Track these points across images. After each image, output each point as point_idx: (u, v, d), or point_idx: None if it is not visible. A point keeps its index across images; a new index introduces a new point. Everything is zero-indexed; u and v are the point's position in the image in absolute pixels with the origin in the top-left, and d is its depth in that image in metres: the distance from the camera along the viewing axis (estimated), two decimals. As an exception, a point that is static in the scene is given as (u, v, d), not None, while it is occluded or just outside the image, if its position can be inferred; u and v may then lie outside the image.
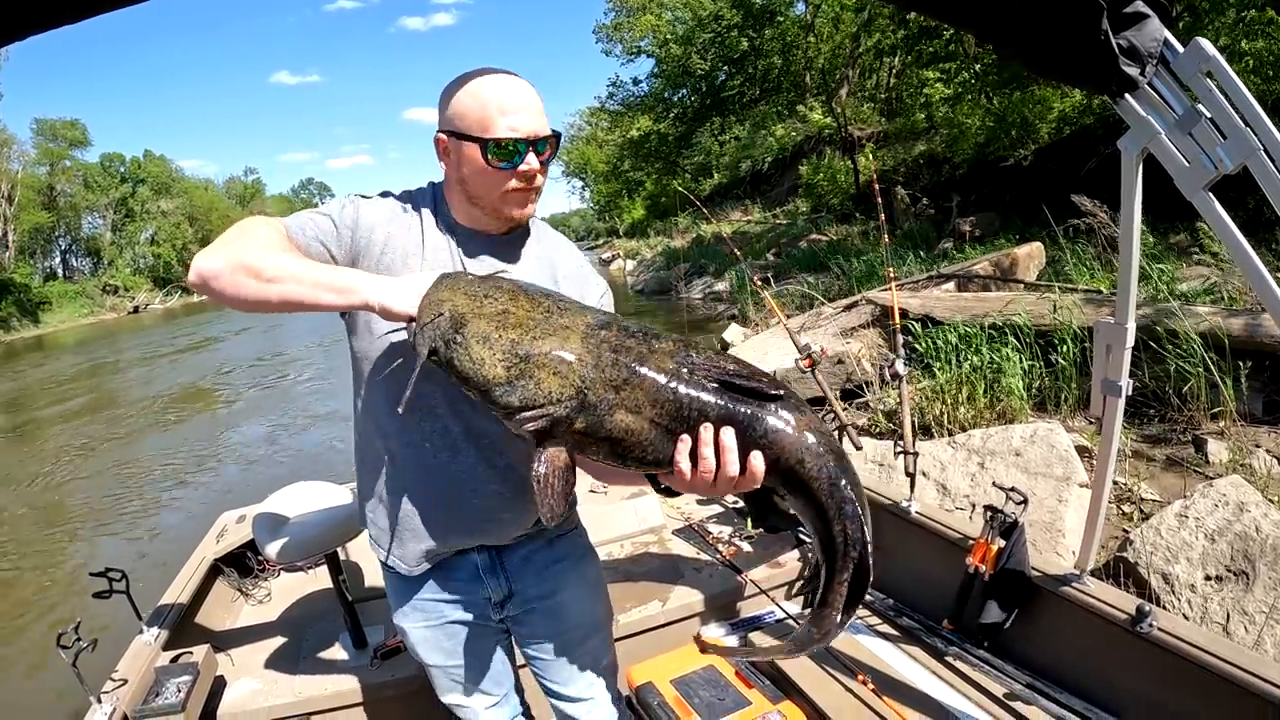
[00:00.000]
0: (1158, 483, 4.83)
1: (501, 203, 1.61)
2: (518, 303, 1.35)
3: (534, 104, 1.55)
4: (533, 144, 1.54)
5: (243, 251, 1.42)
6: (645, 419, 1.28)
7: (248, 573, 3.63)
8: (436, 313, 1.32)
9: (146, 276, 55.03)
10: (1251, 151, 1.60)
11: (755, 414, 1.28)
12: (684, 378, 1.28)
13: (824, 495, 1.32)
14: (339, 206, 1.64)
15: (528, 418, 1.29)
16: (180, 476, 10.48)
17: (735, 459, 1.27)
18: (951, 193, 14.65)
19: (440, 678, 2.03)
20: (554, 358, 1.28)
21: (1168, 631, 2.19)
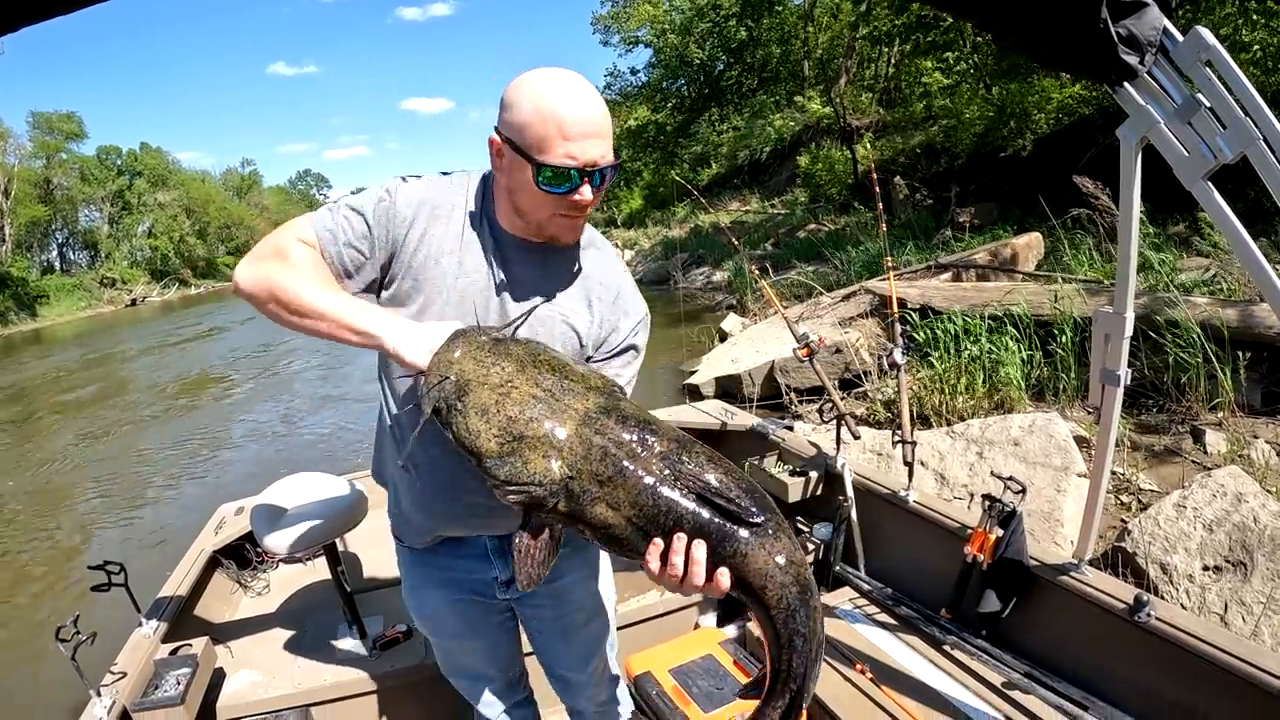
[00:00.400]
0: (1156, 473, 4.84)
1: (547, 223, 1.56)
2: (524, 374, 1.34)
3: (599, 129, 1.45)
4: (589, 174, 1.47)
5: (276, 281, 1.46)
6: (623, 516, 1.29)
7: (246, 564, 3.64)
8: (443, 375, 1.33)
9: (144, 269, 54.83)
10: (1251, 141, 1.60)
11: (729, 532, 1.29)
12: (669, 483, 1.29)
13: (779, 623, 1.34)
14: (375, 200, 1.58)
15: (512, 492, 1.30)
16: (179, 468, 10.48)
17: (702, 571, 1.28)
18: (950, 183, 14.63)
19: (446, 655, 2.09)
20: (545, 442, 1.29)
21: (1165, 621, 2.20)
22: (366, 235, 1.56)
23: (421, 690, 2.89)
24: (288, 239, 1.54)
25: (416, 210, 1.59)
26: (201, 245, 60.39)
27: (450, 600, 1.95)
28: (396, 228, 1.57)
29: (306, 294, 1.45)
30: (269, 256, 1.52)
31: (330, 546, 2.84)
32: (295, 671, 2.85)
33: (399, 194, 1.59)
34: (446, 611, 1.96)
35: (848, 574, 3.23)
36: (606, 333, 1.72)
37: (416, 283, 1.59)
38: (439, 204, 1.62)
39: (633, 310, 1.76)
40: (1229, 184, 1.92)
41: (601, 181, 1.50)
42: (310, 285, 1.46)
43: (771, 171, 25.93)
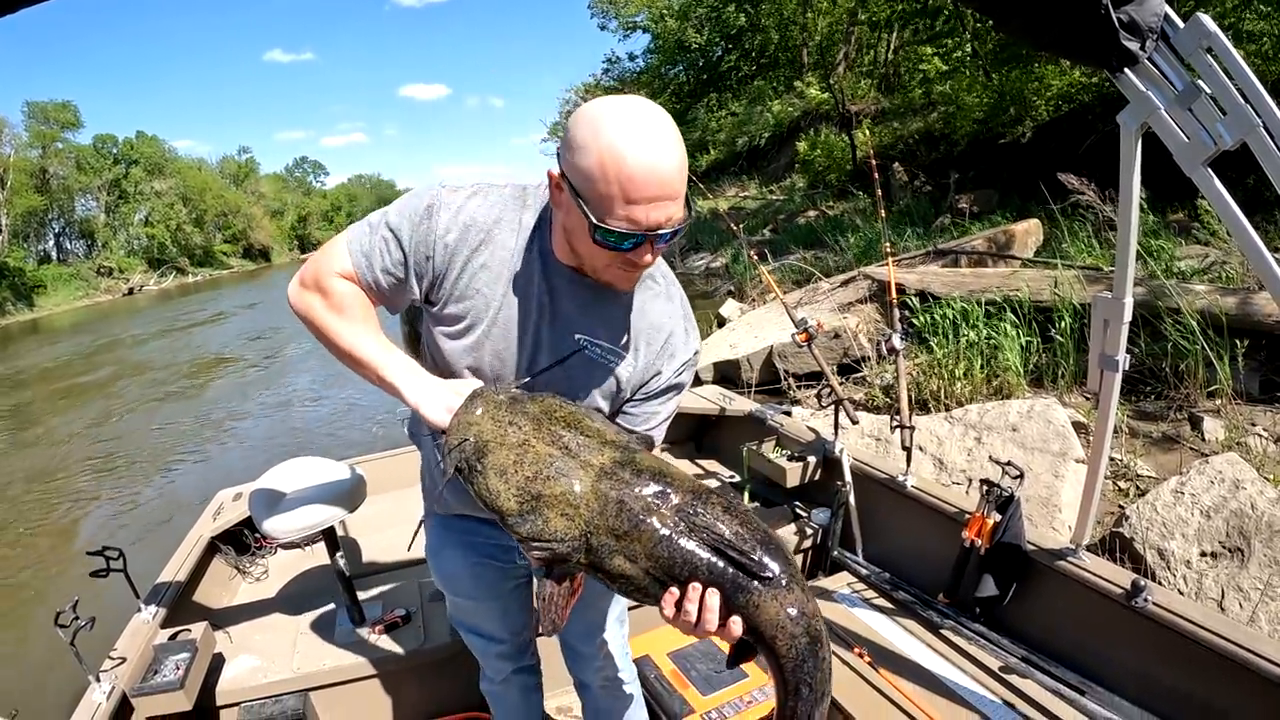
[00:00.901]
0: (1154, 459, 4.85)
1: (602, 271, 1.47)
2: (540, 433, 1.38)
3: (669, 189, 1.29)
4: (652, 238, 1.34)
5: (316, 317, 1.55)
6: (640, 568, 1.33)
7: (245, 550, 3.64)
8: (463, 437, 1.38)
9: (141, 258, 54.66)
10: (1251, 128, 1.61)
11: (742, 584, 1.31)
12: (684, 535, 1.32)
13: (787, 672, 1.36)
14: (413, 222, 1.51)
15: (535, 549, 1.34)
16: (178, 453, 10.51)
17: (715, 619, 1.30)
18: (949, 169, 14.61)
19: (460, 612, 2.14)
20: (563, 500, 1.33)
21: (1163, 606, 2.21)
22: (402, 262, 1.52)
23: (421, 674, 2.90)
24: (329, 272, 1.54)
25: (460, 234, 1.52)
26: (198, 233, 60.20)
27: (469, 563, 1.98)
28: (437, 254, 1.52)
29: (343, 337, 1.53)
30: (313, 289, 1.55)
31: (329, 531, 2.84)
32: (294, 656, 2.85)
33: (440, 214, 1.51)
34: (464, 573, 2.00)
35: (845, 559, 3.24)
36: (649, 377, 1.69)
37: (460, 308, 1.56)
38: (486, 225, 1.54)
39: (680, 353, 1.69)
40: (1230, 171, 1.92)
41: (665, 241, 1.38)
42: (347, 329, 1.53)
43: (770, 157, 25.88)
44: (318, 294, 1.54)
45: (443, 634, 2.90)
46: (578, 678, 2.31)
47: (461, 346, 1.58)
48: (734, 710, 2.45)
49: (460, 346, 1.58)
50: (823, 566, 3.39)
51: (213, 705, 2.71)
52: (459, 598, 2.09)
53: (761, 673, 2.61)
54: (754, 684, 2.55)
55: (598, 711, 2.34)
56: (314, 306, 1.54)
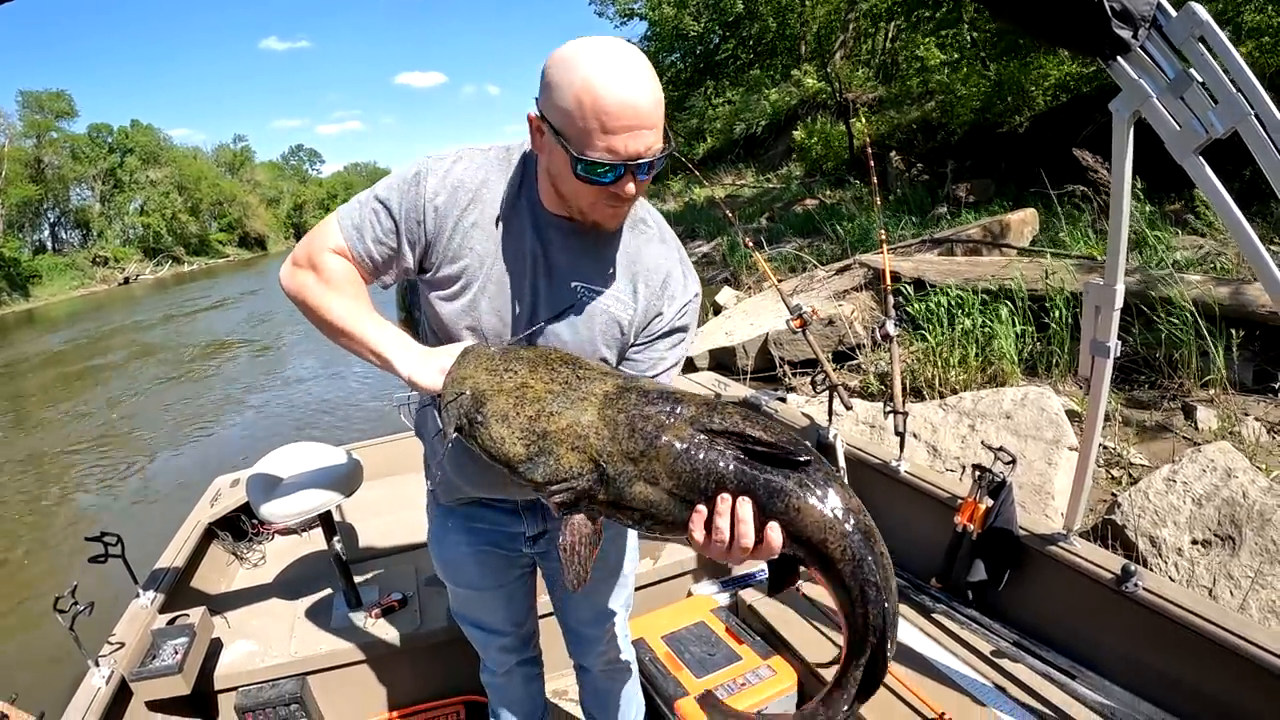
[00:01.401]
0: (1147, 448, 4.87)
1: (589, 210, 1.47)
2: (537, 374, 1.34)
3: (645, 118, 1.31)
4: (632, 168, 1.36)
5: (309, 294, 1.55)
6: (663, 490, 1.25)
7: (242, 536, 3.66)
8: (459, 391, 1.34)
9: (136, 247, 54.52)
10: (1243, 116, 1.62)
11: (776, 486, 1.23)
12: (703, 446, 1.24)
13: (847, 577, 1.26)
14: (400, 191, 1.54)
15: (555, 493, 1.29)
16: (176, 439, 10.54)
17: (750, 531, 1.22)
18: (946, 158, 14.59)
19: (461, 603, 2.13)
20: (571, 433, 1.27)
21: (1153, 591, 2.22)
22: (394, 230, 1.54)
23: (418, 657, 2.92)
24: (320, 248, 1.56)
25: (449, 196, 1.54)
26: (194, 222, 60.09)
27: (473, 550, 1.97)
28: (428, 218, 1.53)
29: (334, 311, 1.52)
30: (305, 266, 1.57)
31: (326, 516, 2.85)
32: (292, 641, 2.87)
33: (428, 179, 1.53)
34: (468, 560, 1.99)
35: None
36: (650, 318, 1.66)
37: (455, 269, 1.56)
38: (474, 185, 1.55)
39: (680, 294, 1.68)
40: (1227, 165, 1.94)
41: (649, 170, 1.39)
42: (338, 304, 1.53)
43: (767, 146, 25.82)
44: (310, 270, 1.55)
45: (439, 618, 2.92)
46: (579, 662, 2.31)
47: (459, 307, 1.58)
48: (727, 692, 2.46)
49: (457, 307, 1.58)
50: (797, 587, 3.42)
51: (210, 690, 2.73)
52: (461, 588, 2.07)
53: (755, 655, 2.63)
54: (747, 666, 2.57)
55: (597, 693, 2.35)
56: (306, 284, 1.55)
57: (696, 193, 24.01)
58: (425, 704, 2.98)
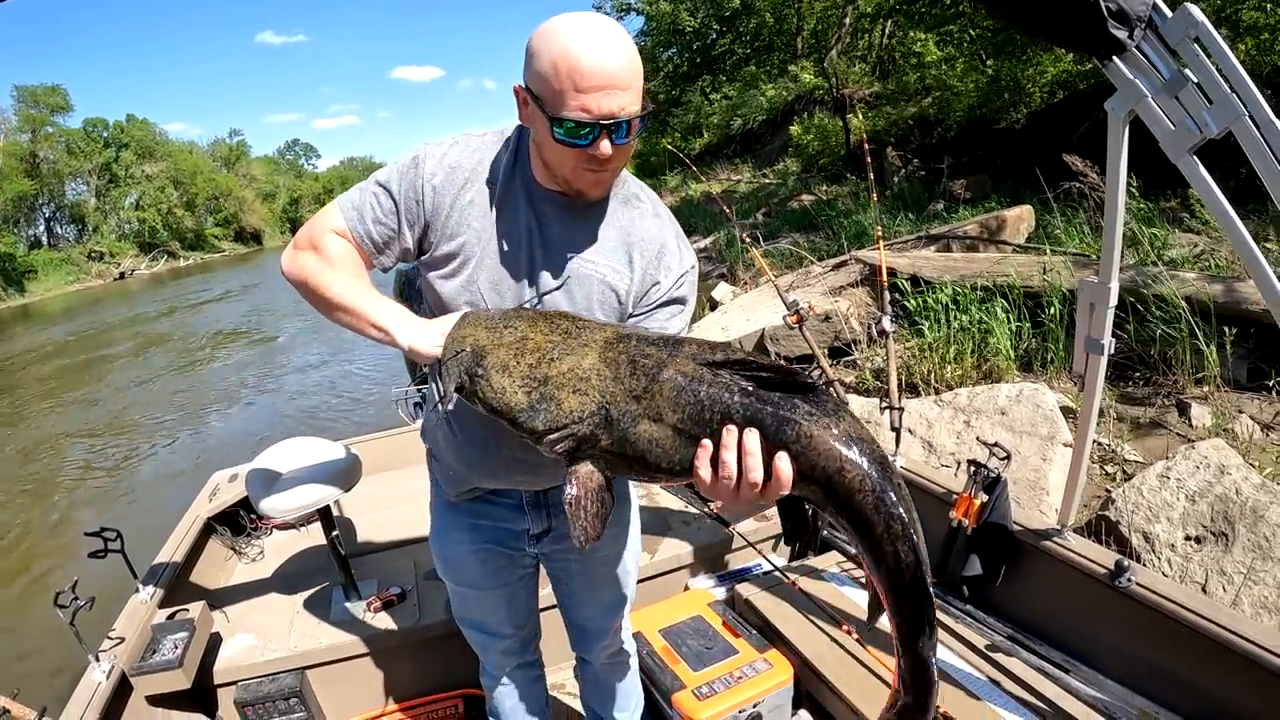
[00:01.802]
0: (1141, 444, 4.88)
1: (571, 178, 1.52)
2: (536, 328, 1.34)
3: (619, 79, 1.37)
4: (607, 128, 1.40)
5: (310, 274, 1.58)
6: (668, 426, 1.22)
7: (240, 531, 3.67)
8: (459, 349, 1.35)
9: (132, 242, 54.40)
10: (1237, 116, 1.64)
11: (785, 416, 1.19)
12: (706, 380, 1.21)
13: (869, 510, 1.20)
14: (399, 174, 1.60)
15: (554, 440, 1.28)
16: (172, 434, 10.55)
17: (758, 465, 1.18)
18: (943, 154, 14.58)
19: (462, 603, 2.13)
20: (572, 376, 1.27)
21: (1146, 587, 2.25)
22: (393, 210, 1.60)
23: (417, 651, 2.93)
24: (322, 230, 1.61)
25: (446, 176, 1.60)
26: (189, 217, 59.96)
27: (475, 548, 1.98)
28: (426, 198, 1.59)
29: (334, 288, 1.55)
30: (306, 248, 1.61)
31: (325, 511, 2.86)
32: (291, 635, 2.88)
33: (426, 162, 1.60)
34: (470, 558, 1.99)
35: (835, 538, 3.28)
36: (648, 288, 1.69)
37: (453, 246, 1.61)
38: (470, 166, 1.62)
39: (675, 265, 1.71)
40: (1225, 162, 1.96)
41: (626, 133, 1.43)
42: (338, 280, 1.55)
43: (764, 141, 25.78)
44: (311, 251, 1.59)
45: (438, 611, 2.93)
46: (582, 655, 2.32)
47: (458, 283, 1.61)
48: (724, 685, 2.48)
49: (457, 284, 1.62)
50: (812, 546, 3.43)
51: (210, 684, 2.75)
52: (463, 586, 2.08)
53: (752, 648, 2.64)
54: (744, 660, 2.58)
55: (599, 685, 2.36)
56: (307, 264, 1.58)
57: (693, 188, 24.00)
58: (424, 698, 2.99)
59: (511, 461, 1.77)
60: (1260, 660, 1.96)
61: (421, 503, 3.77)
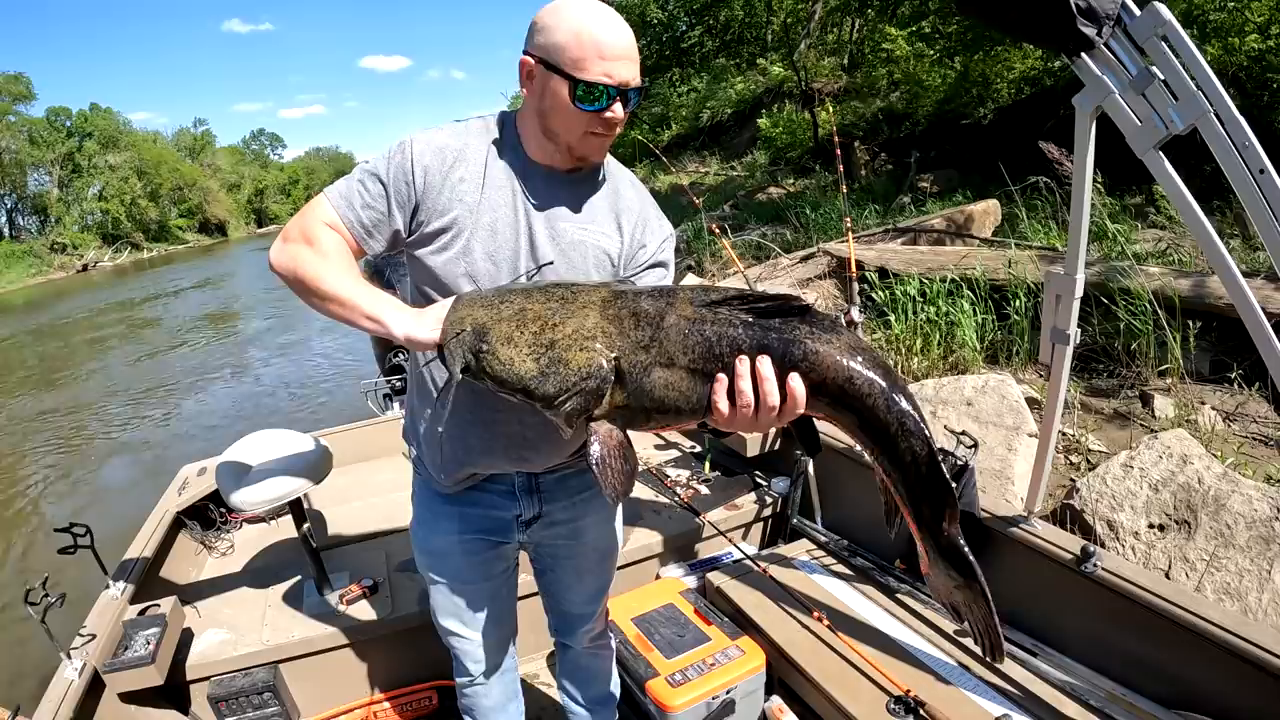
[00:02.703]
0: (1105, 435, 4.95)
1: (579, 143, 1.61)
2: (531, 299, 1.36)
3: (631, 53, 1.54)
4: (622, 93, 1.54)
5: (302, 266, 1.57)
6: (681, 369, 1.27)
7: (210, 525, 3.64)
8: (459, 330, 1.36)
9: (95, 233, 53.60)
10: (1202, 113, 1.69)
11: (790, 339, 1.25)
12: (708, 319, 1.27)
13: (881, 413, 1.27)
14: (387, 159, 1.64)
15: (569, 402, 1.30)
16: (140, 429, 10.45)
17: (774, 388, 1.24)
18: (911, 149, 14.65)
19: (443, 598, 2.09)
20: (579, 336, 1.30)
21: (1111, 572, 2.29)
22: (383, 194, 1.62)
23: (390, 643, 2.93)
24: (313, 223, 1.62)
25: (435, 157, 1.64)
26: (154, 208, 59.03)
27: (462, 538, 1.98)
28: (416, 178, 1.62)
29: (327, 280, 1.55)
30: (298, 240, 1.61)
31: (296, 503, 2.84)
32: (263, 629, 2.87)
33: (414, 146, 1.64)
34: (455, 549, 1.99)
35: (805, 527, 3.31)
36: (636, 250, 1.78)
37: (445, 221, 1.64)
38: (458, 146, 1.67)
39: (658, 229, 1.83)
40: (1190, 159, 2.00)
41: (632, 100, 1.57)
42: (331, 272, 1.56)
43: (732, 133, 25.78)
44: (303, 243, 1.60)
45: (410, 603, 2.93)
46: (564, 640, 2.32)
47: (452, 256, 1.65)
48: (697, 672, 2.50)
49: (451, 256, 1.65)
50: (783, 534, 3.47)
51: (183, 680, 2.72)
52: (445, 579, 2.06)
53: (724, 635, 2.66)
54: (717, 647, 2.60)
55: (579, 670, 2.37)
56: (299, 255, 1.58)
57: (661, 179, 23.97)
58: (398, 689, 2.99)
59: (511, 440, 1.79)
60: (1223, 643, 2.01)
61: (392, 494, 3.78)
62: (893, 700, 2.27)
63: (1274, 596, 3.18)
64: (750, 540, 3.52)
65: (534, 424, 1.78)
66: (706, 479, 3.76)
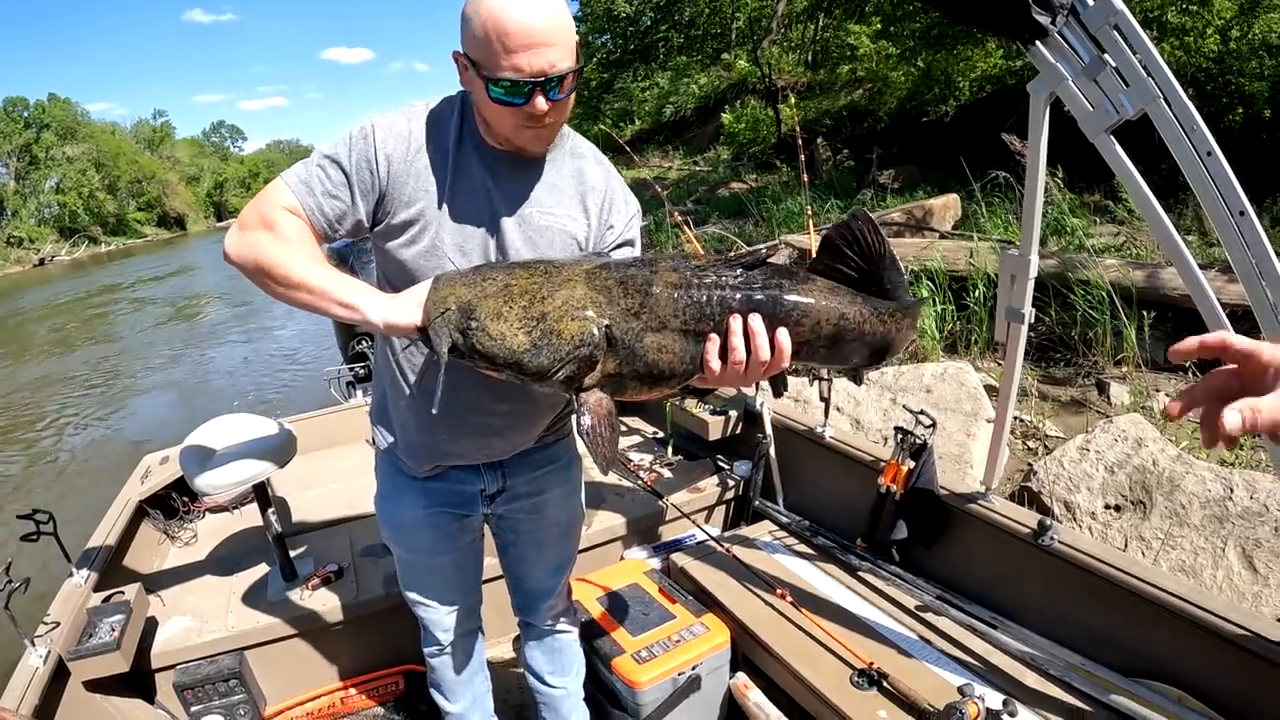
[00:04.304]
0: (1062, 421, 5.04)
1: (513, 135, 1.57)
2: (514, 275, 1.36)
3: (546, 36, 1.41)
4: (540, 84, 1.44)
5: (263, 253, 1.49)
6: (674, 330, 1.30)
7: (173, 514, 3.62)
8: (443, 309, 1.34)
9: (52, 227, 52.85)
10: (1152, 98, 1.74)
11: (775, 295, 1.30)
12: (694, 282, 1.30)
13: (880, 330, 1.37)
14: (348, 146, 1.58)
15: (562, 370, 1.31)
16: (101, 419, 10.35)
17: (765, 343, 1.28)
18: (873, 145, 14.77)
19: (410, 570, 2.11)
20: (568, 307, 1.30)
21: (1068, 544, 2.34)
22: (345, 182, 1.58)
23: (356, 628, 2.93)
24: (272, 207, 1.55)
25: (397, 144, 1.60)
26: (112, 201, 58.16)
27: (427, 512, 1.98)
28: (380, 165, 1.58)
29: (293, 267, 1.47)
30: (256, 227, 1.54)
31: (260, 489, 2.83)
32: (229, 616, 2.86)
33: (376, 133, 1.59)
34: (420, 522, 1.99)
35: (767, 508, 3.34)
36: (604, 231, 1.77)
37: (411, 213, 1.61)
38: (420, 132, 1.63)
39: (624, 209, 1.80)
40: (1147, 156, 2.06)
41: (559, 87, 1.48)
42: (297, 258, 1.49)
43: (695, 128, 25.85)
44: (262, 229, 1.53)
45: (375, 588, 2.93)
46: (528, 620, 2.33)
47: (422, 248, 1.62)
48: (663, 649, 2.51)
49: (421, 248, 1.62)
50: (745, 516, 3.50)
51: (149, 668, 2.70)
52: (411, 553, 2.07)
53: (688, 613, 2.68)
54: (681, 624, 2.62)
55: (542, 648, 2.37)
56: (259, 243, 1.51)
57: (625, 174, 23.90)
58: (365, 675, 3.00)
59: (477, 430, 1.80)
60: (1179, 611, 2.07)
61: (356, 480, 3.78)
62: (856, 673, 2.30)
63: (1228, 573, 3.26)
64: (713, 523, 3.55)
65: (500, 413, 1.79)
66: (669, 462, 3.79)
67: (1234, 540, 3.30)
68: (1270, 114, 8.14)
